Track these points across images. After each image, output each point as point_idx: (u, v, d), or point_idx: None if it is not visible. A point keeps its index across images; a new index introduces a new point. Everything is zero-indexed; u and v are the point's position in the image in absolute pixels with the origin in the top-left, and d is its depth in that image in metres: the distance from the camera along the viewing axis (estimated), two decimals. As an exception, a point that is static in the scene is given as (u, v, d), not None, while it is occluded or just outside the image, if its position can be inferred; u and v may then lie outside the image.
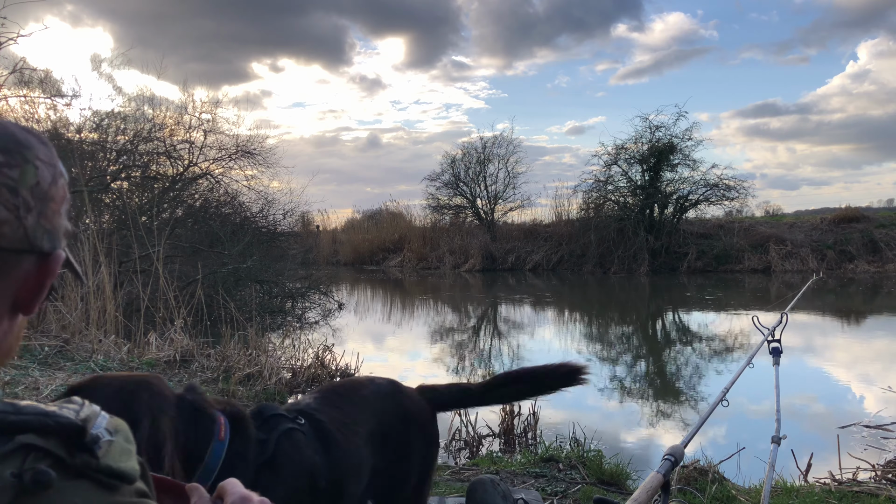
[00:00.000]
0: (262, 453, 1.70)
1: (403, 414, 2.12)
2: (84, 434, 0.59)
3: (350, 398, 2.06)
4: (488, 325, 12.86)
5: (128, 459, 0.62)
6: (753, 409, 6.13)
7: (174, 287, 7.97)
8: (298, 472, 1.76)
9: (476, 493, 2.77)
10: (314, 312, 13.66)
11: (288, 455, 1.74)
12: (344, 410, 1.98)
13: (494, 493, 2.75)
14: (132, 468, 0.61)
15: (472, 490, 2.81)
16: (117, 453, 0.61)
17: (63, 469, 0.56)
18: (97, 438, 0.59)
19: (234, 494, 0.76)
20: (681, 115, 22.48)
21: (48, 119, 11.87)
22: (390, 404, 2.11)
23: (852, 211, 22.96)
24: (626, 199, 23.44)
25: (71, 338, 6.62)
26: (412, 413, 2.14)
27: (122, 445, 0.62)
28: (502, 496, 2.77)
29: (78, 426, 0.59)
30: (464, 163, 28.03)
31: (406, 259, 26.98)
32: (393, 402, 2.12)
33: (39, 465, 0.54)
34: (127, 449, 0.62)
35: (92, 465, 0.58)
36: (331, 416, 1.92)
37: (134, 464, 0.62)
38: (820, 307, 13.14)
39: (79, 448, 0.58)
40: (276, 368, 6.72)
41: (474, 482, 2.87)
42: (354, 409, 2.01)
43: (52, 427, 0.57)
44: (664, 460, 1.61)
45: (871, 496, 3.52)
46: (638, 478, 3.94)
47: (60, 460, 0.56)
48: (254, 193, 14.57)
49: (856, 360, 8.68)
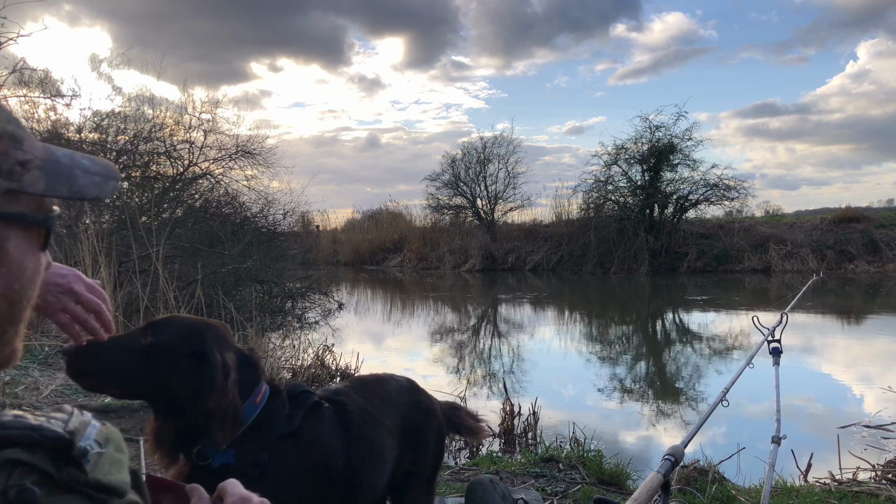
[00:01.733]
0: (288, 426, 1.79)
1: (422, 409, 2.26)
2: (72, 447, 0.57)
3: (376, 391, 2.16)
4: (488, 325, 12.85)
5: (118, 471, 0.60)
6: (753, 409, 6.13)
7: (174, 287, 7.96)
8: (316, 448, 1.84)
9: (475, 493, 2.77)
10: (314, 312, 13.67)
11: (310, 430, 1.83)
12: (371, 401, 2.08)
13: (494, 493, 2.75)
14: (122, 481, 0.60)
15: (471, 490, 2.81)
16: (107, 465, 0.60)
17: (50, 484, 0.55)
18: (85, 452, 0.58)
19: (234, 495, 0.76)
20: (681, 115, 22.51)
21: (48, 119, 11.89)
22: (411, 399, 2.24)
23: (852, 211, 22.95)
24: (626, 199, 23.44)
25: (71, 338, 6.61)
26: (429, 408, 2.29)
27: (113, 456, 0.61)
28: (501, 496, 2.77)
29: (66, 439, 0.57)
30: (464, 163, 28.06)
31: (406, 259, 26.97)
32: (413, 398, 2.25)
33: (24, 483, 0.53)
34: (118, 459, 0.61)
35: (80, 479, 0.57)
36: (356, 404, 2.01)
37: (125, 475, 0.61)
38: (820, 307, 13.13)
39: (66, 462, 0.57)
40: (276, 368, 6.72)
41: (473, 482, 2.87)
42: (380, 402, 2.11)
43: (38, 441, 0.56)
44: (664, 460, 1.61)
45: (871, 496, 3.52)
46: (638, 478, 3.94)
47: (47, 475, 0.55)
48: (254, 193, 14.58)
49: (856, 360, 8.68)
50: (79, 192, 0.65)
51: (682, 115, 22.49)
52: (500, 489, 2.82)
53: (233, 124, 17.67)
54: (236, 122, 21.71)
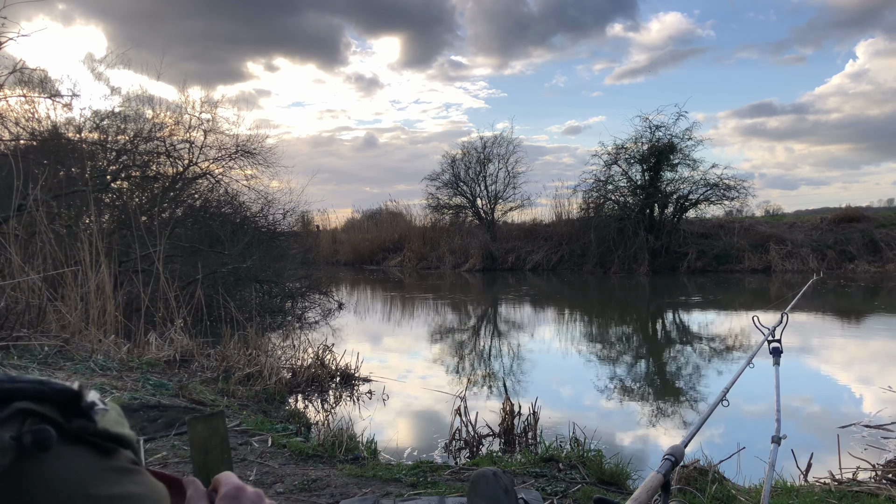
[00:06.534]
0: None
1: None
2: (80, 399, 0.58)
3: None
4: (488, 325, 12.85)
5: (122, 427, 0.61)
6: (753, 409, 6.13)
7: (174, 287, 7.97)
8: None
9: (478, 487, 2.74)
10: (314, 312, 13.67)
11: None
12: None
13: (497, 487, 2.72)
14: (129, 433, 0.61)
15: (474, 483, 2.78)
16: (113, 420, 0.61)
17: (61, 433, 0.55)
18: (93, 404, 0.59)
19: (229, 485, 0.77)
20: (681, 115, 22.52)
21: (48, 119, 11.88)
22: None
23: (852, 211, 22.95)
24: (626, 198, 23.45)
25: (71, 338, 6.61)
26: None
27: (116, 417, 0.62)
28: (504, 490, 2.74)
29: (74, 391, 0.58)
30: (464, 162, 28.09)
31: (406, 259, 26.98)
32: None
33: (40, 425, 0.53)
34: (120, 421, 0.62)
35: (89, 429, 0.57)
36: None
37: (129, 430, 0.62)
38: (820, 307, 13.13)
39: (75, 413, 0.57)
40: (276, 368, 6.71)
41: (476, 475, 2.84)
42: None
43: (47, 393, 0.56)
44: (664, 460, 1.61)
45: (871, 496, 3.52)
46: (638, 478, 3.94)
47: (58, 425, 0.55)
48: (254, 193, 14.60)
49: (856, 360, 8.68)
50: None
51: (682, 115, 22.54)
52: (504, 482, 2.79)
53: (232, 124, 17.72)
54: (236, 122, 21.75)
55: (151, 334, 7.22)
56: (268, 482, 3.73)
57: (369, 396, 6.75)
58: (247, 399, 5.87)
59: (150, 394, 5.36)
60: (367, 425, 5.65)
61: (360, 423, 5.64)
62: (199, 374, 6.42)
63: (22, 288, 6.74)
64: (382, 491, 3.61)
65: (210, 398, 5.48)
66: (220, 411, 3.15)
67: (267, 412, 5.63)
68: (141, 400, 5.07)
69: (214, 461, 2.86)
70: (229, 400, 5.67)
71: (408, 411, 6.42)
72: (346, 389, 6.98)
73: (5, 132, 10.55)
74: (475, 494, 2.74)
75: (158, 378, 5.97)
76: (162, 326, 7.48)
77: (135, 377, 5.87)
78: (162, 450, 4.17)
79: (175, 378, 6.09)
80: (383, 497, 3.48)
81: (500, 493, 2.70)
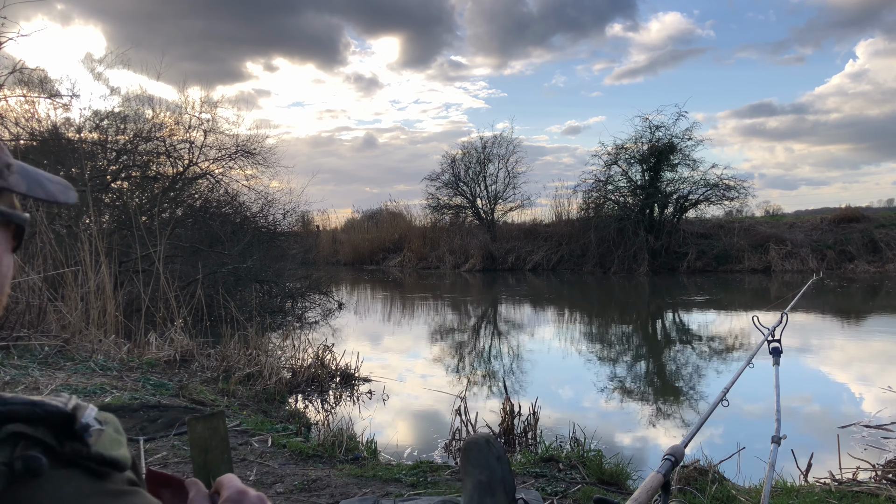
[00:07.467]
0: None
1: None
2: (74, 422, 0.58)
3: None
4: (488, 325, 12.85)
5: (118, 448, 0.61)
6: (753, 409, 6.13)
7: (174, 287, 7.97)
8: None
9: (471, 454, 2.67)
10: (314, 312, 13.67)
11: None
12: None
13: (489, 455, 2.65)
14: (123, 456, 0.61)
15: (466, 450, 2.72)
16: (108, 442, 0.60)
17: (53, 457, 0.55)
18: (87, 426, 0.58)
19: (231, 488, 0.77)
20: (681, 115, 22.51)
21: (48, 119, 11.88)
22: None
23: (852, 211, 22.94)
24: (626, 198, 23.44)
25: (71, 338, 6.62)
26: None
27: (112, 436, 0.62)
28: (497, 458, 2.68)
29: (67, 413, 0.58)
30: (464, 163, 28.09)
31: (406, 259, 26.98)
32: None
33: (30, 452, 0.53)
34: (117, 439, 0.62)
35: (82, 452, 0.57)
36: None
37: (125, 452, 0.62)
38: (820, 307, 13.13)
39: (68, 436, 0.57)
40: (276, 368, 6.71)
41: (468, 441, 2.77)
42: None
43: (40, 416, 0.56)
44: (664, 460, 1.61)
45: (871, 496, 3.52)
46: (638, 478, 3.94)
47: (50, 448, 0.55)
48: (254, 193, 14.60)
49: (855, 361, 8.68)
50: (52, 195, 0.68)
51: (681, 115, 22.53)
52: (497, 450, 2.71)
53: (232, 124, 17.72)
54: (236, 122, 21.75)
55: (151, 334, 7.22)
56: (268, 482, 3.73)
57: (369, 396, 6.75)
58: (247, 399, 5.87)
59: (150, 394, 5.36)
60: (367, 425, 5.65)
61: (360, 423, 5.64)
62: (199, 374, 6.43)
63: (22, 288, 6.74)
64: (382, 491, 3.62)
65: (210, 398, 5.48)
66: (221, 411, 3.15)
67: (267, 412, 5.63)
68: (141, 400, 5.07)
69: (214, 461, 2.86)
70: (229, 400, 5.67)
71: (408, 411, 6.42)
72: (346, 389, 6.98)
73: (5, 132, 10.56)
74: (467, 462, 2.67)
75: (158, 378, 5.97)
76: (162, 326, 7.48)
77: (135, 377, 5.87)
78: (162, 450, 4.17)
79: (175, 378, 6.09)
80: (383, 497, 3.48)
81: (492, 462, 2.64)
